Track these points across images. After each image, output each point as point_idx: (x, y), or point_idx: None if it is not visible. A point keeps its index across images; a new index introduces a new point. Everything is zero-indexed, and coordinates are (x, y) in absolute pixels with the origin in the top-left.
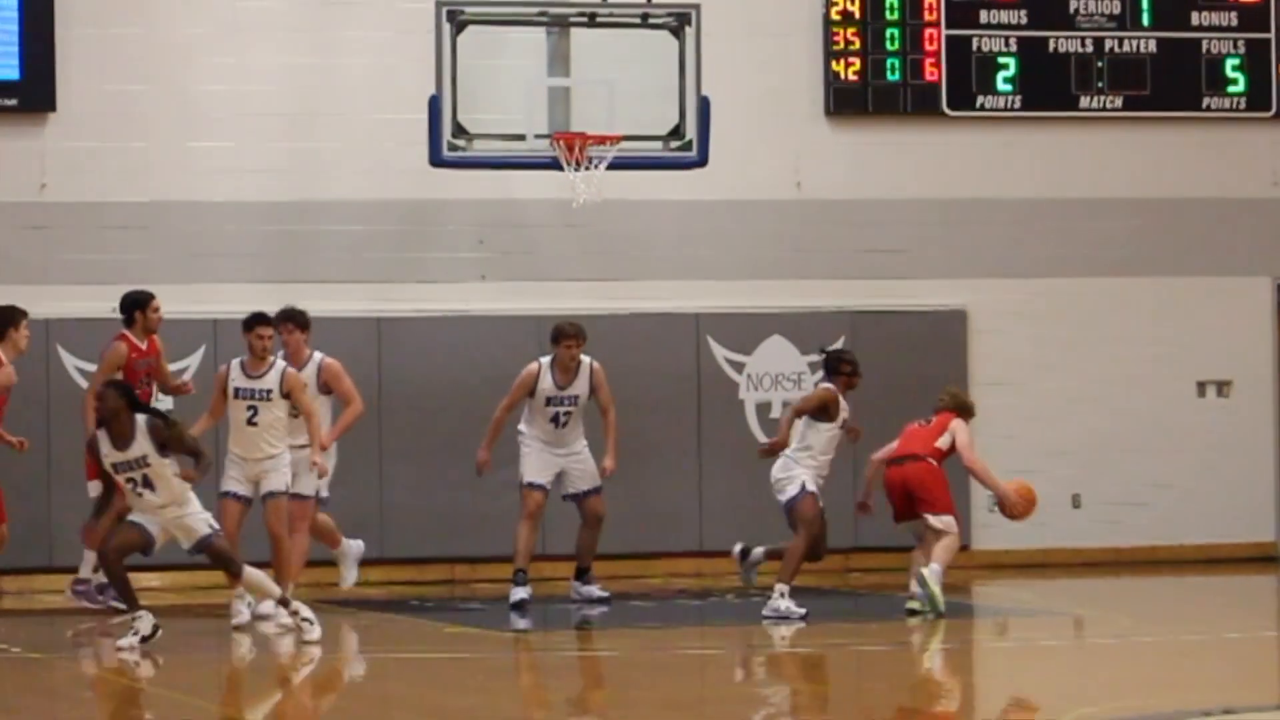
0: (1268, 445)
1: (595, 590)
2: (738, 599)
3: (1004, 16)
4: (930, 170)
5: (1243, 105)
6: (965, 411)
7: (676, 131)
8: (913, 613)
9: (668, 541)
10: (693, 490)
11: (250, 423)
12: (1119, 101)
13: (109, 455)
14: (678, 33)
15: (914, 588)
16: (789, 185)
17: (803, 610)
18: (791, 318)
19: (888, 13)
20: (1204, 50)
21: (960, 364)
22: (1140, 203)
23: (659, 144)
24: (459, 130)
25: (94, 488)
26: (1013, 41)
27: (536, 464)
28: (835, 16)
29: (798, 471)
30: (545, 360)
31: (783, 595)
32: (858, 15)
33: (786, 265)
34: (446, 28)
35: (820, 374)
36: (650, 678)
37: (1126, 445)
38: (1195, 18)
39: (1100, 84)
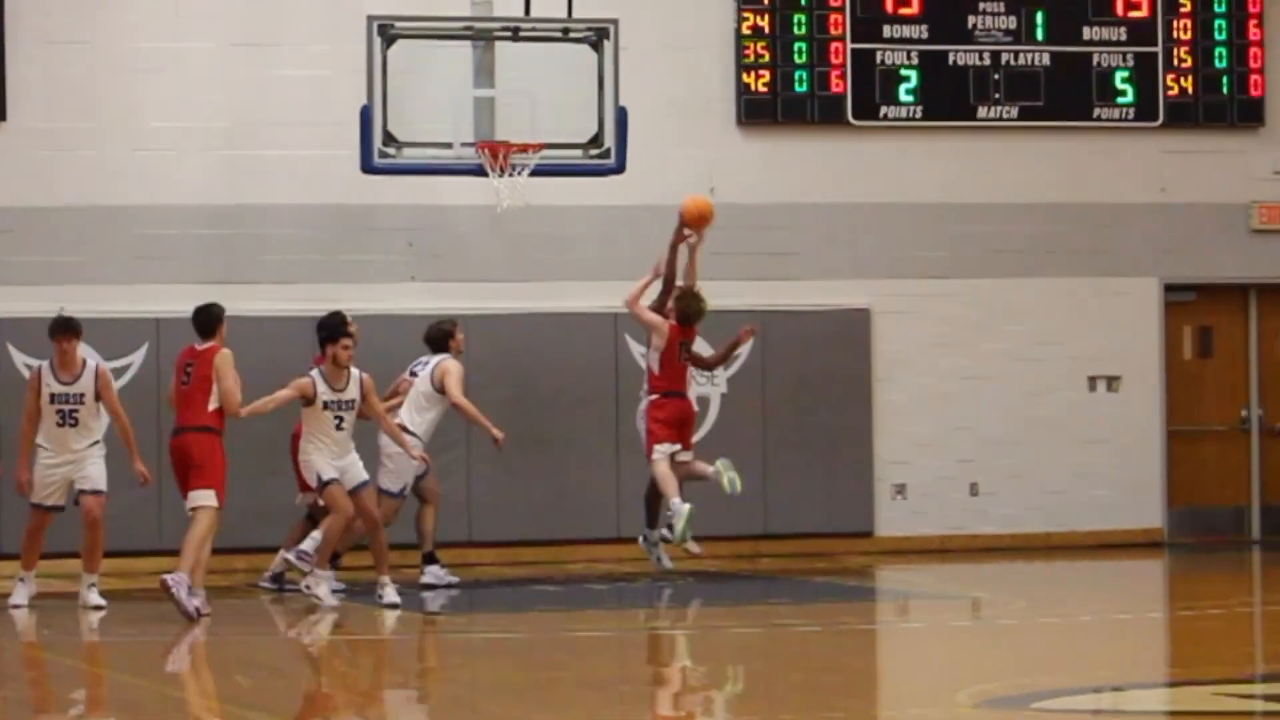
0: (1155, 437)
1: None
2: (654, 582)
3: (906, 31)
4: (836, 176)
5: (1131, 115)
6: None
7: (596, 140)
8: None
9: (588, 529)
10: (611, 480)
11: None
12: (1014, 111)
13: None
14: (597, 46)
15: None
16: (703, 191)
17: None
18: (708, 316)
19: (796, 28)
20: (1095, 63)
21: (864, 360)
22: (1035, 207)
23: (579, 152)
24: (389, 138)
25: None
26: (914, 55)
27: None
28: (746, 31)
29: None
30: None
31: None
32: (767, 30)
33: (700, 267)
34: (377, 42)
35: None
36: (566, 658)
37: (1022, 437)
38: (1087, 32)
39: (997, 95)
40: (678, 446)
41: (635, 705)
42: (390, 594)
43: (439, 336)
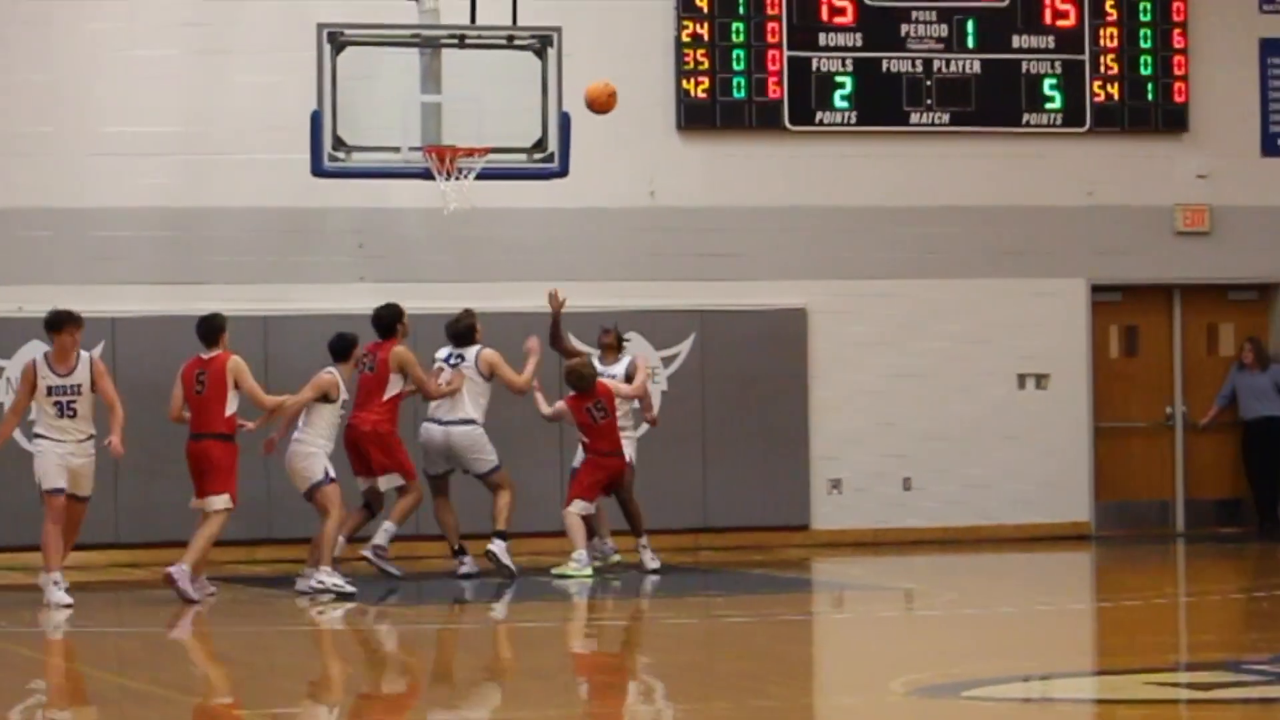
0: (1082, 433)
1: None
2: (600, 575)
3: (841, 39)
4: (774, 180)
5: (1059, 121)
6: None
7: (540, 144)
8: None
9: (532, 522)
10: (554, 474)
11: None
12: (946, 117)
13: None
14: (540, 54)
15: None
16: (644, 194)
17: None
18: (647, 316)
19: (734, 36)
20: (1024, 71)
21: (801, 359)
22: (966, 210)
23: (523, 156)
24: (338, 143)
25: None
26: (849, 62)
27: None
28: (686, 39)
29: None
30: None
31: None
32: (707, 38)
33: (642, 268)
34: (327, 49)
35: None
36: (512, 649)
37: (953, 434)
38: (1016, 40)
39: (929, 101)
40: (594, 508)
41: (578, 694)
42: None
43: (466, 331)
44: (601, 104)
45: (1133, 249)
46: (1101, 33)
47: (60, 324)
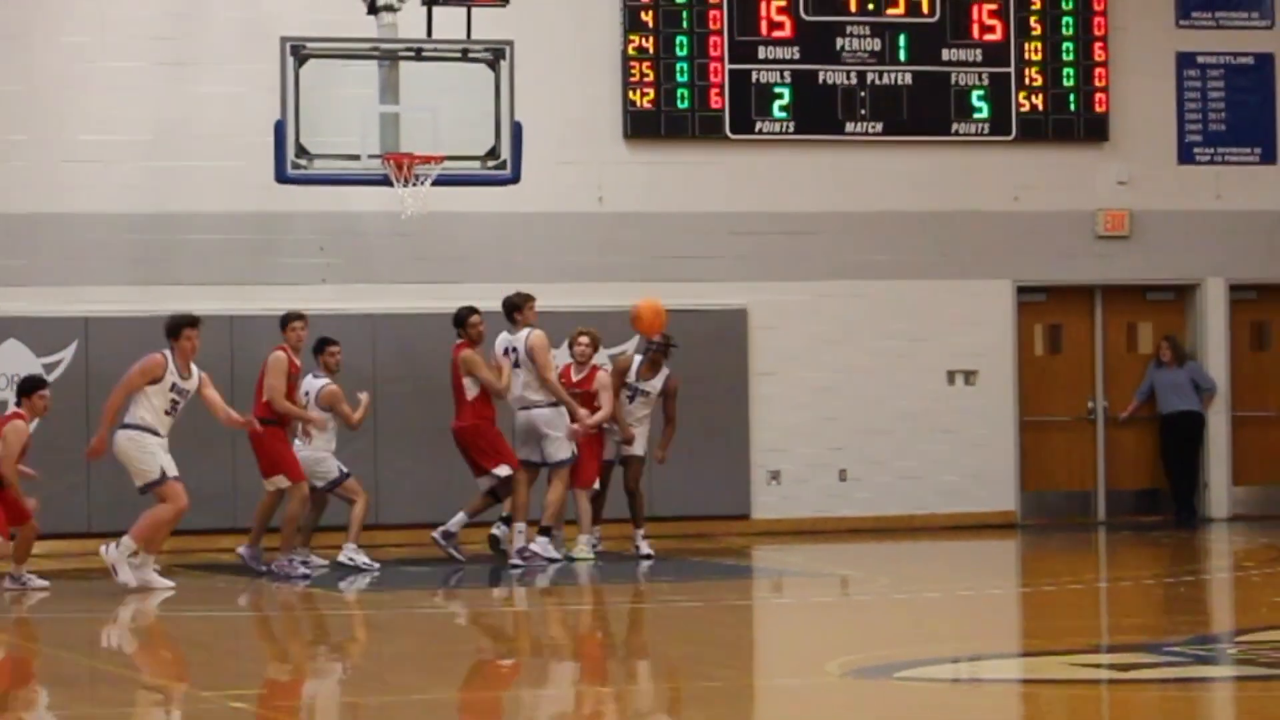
0: (1008, 427)
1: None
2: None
3: (779, 53)
4: (715, 187)
5: (987, 130)
6: None
7: (493, 152)
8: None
9: (486, 512)
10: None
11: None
12: (879, 126)
13: None
14: (494, 66)
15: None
16: (592, 200)
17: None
18: (595, 316)
19: (678, 49)
20: (953, 82)
21: (742, 356)
22: (899, 215)
23: (478, 163)
24: (301, 151)
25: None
26: (787, 74)
27: None
28: (632, 52)
29: None
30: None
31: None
32: (652, 51)
33: (591, 270)
34: (290, 61)
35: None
36: (466, 633)
37: (887, 427)
38: (945, 54)
39: (863, 111)
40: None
41: (530, 676)
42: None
43: (508, 309)
44: (646, 323)
45: (1056, 252)
46: (1026, 46)
47: (187, 325)
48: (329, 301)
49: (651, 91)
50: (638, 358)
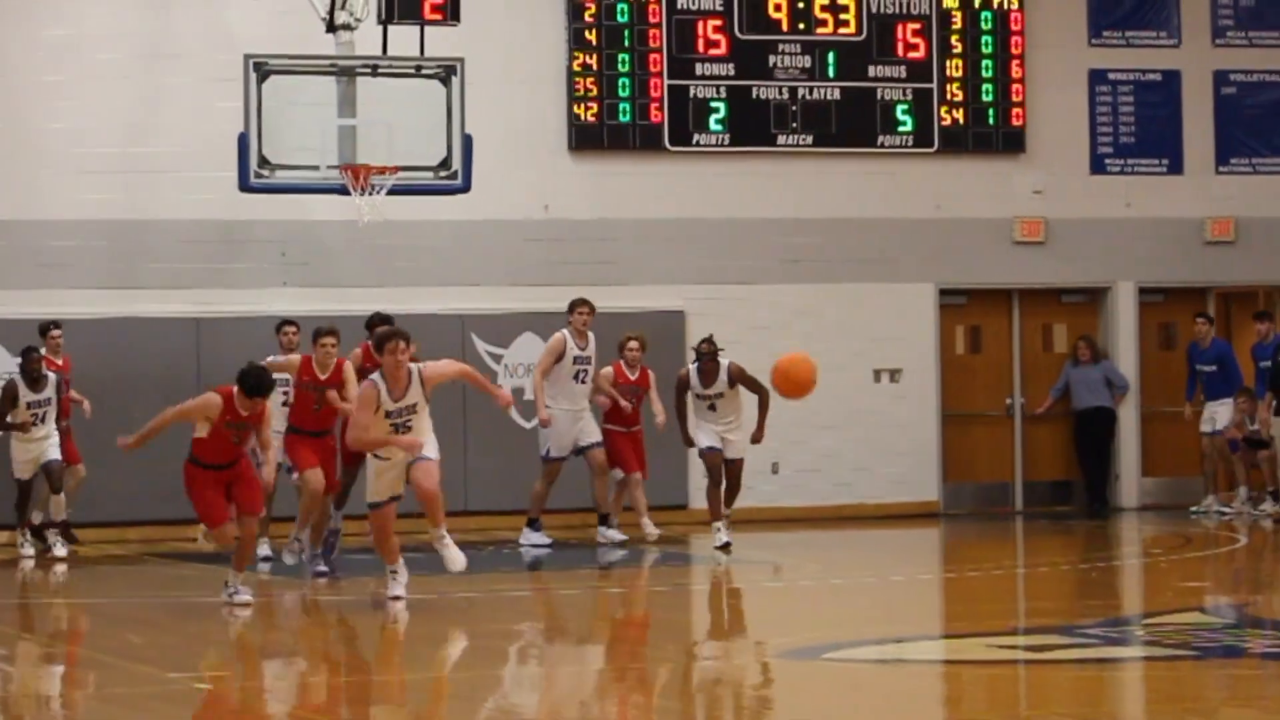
0: (931, 421)
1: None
2: (498, 550)
3: (715, 69)
4: (656, 196)
5: (911, 143)
6: None
7: (445, 163)
8: None
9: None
10: (459, 460)
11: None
12: (810, 139)
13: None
14: (445, 81)
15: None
16: (539, 208)
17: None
18: (541, 317)
19: (620, 66)
20: (879, 97)
21: (679, 356)
22: (828, 222)
23: (430, 173)
24: (263, 161)
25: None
26: (723, 90)
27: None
28: (577, 68)
29: None
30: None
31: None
32: (595, 67)
33: (537, 274)
34: (253, 77)
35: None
36: (422, 618)
37: (817, 423)
38: (872, 70)
39: (794, 124)
40: None
41: (482, 658)
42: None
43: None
44: (792, 385)
45: (976, 257)
46: (948, 63)
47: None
48: (289, 304)
49: (595, 106)
50: (692, 368)
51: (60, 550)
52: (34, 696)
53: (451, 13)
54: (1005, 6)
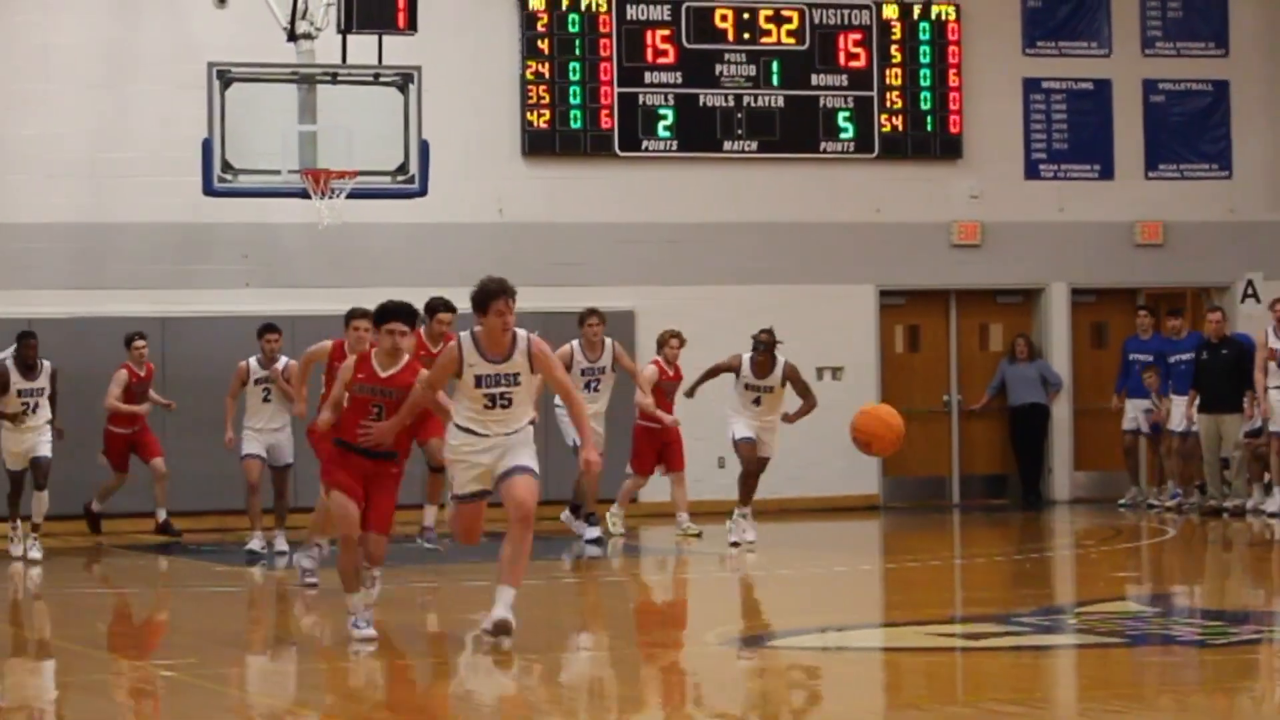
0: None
1: None
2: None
3: (664, 78)
4: (606, 200)
5: (852, 149)
6: None
7: (402, 168)
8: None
9: (402, 496)
10: (416, 455)
11: None
12: (755, 145)
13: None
14: (403, 89)
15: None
16: (493, 211)
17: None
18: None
19: (572, 74)
20: (821, 105)
21: (629, 354)
22: (772, 226)
23: (388, 178)
24: (226, 166)
25: None
26: (671, 97)
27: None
28: (530, 76)
29: None
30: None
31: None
32: (548, 75)
33: (493, 274)
34: (216, 84)
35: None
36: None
37: None
38: (814, 79)
39: (740, 131)
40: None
41: (437, 645)
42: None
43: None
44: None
45: (915, 259)
46: (887, 72)
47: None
48: (252, 304)
49: (547, 113)
50: (746, 356)
51: (35, 553)
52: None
53: (409, 23)
54: (943, 18)
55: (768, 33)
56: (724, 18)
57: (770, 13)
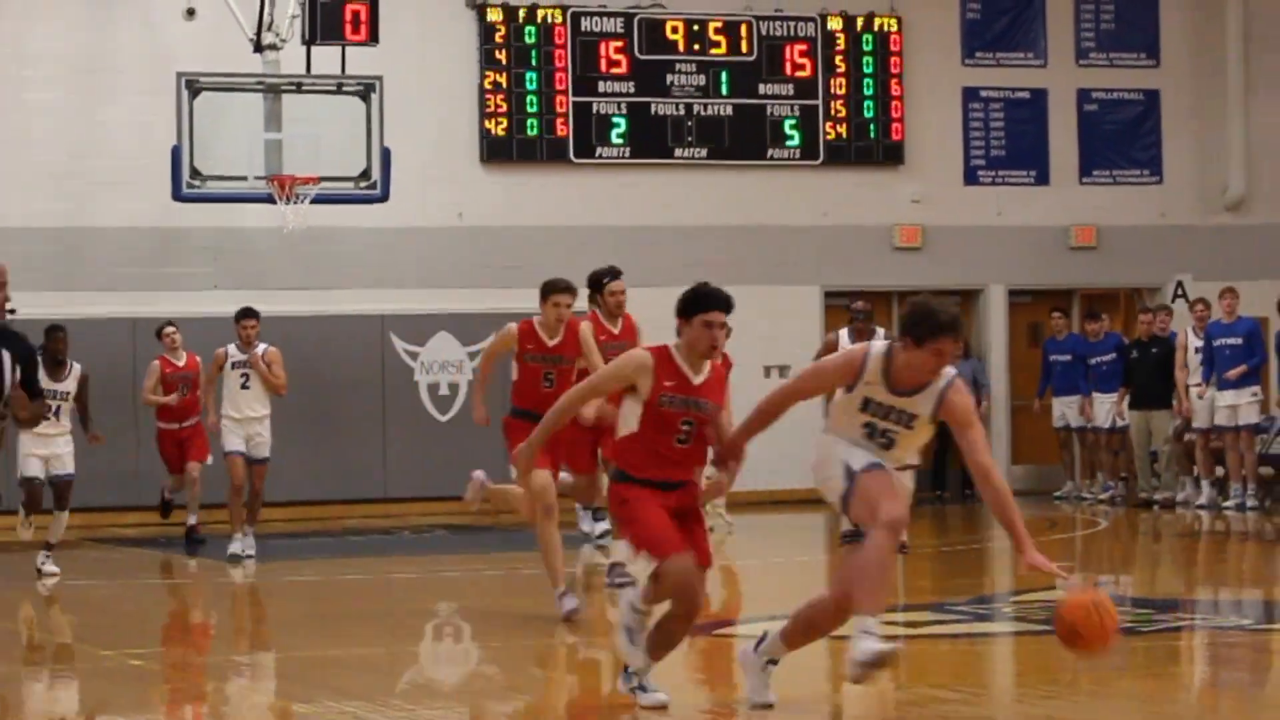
0: (817, 413)
1: None
2: (413, 534)
3: (617, 87)
4: (561, 205)
5: (798, 155)
6: None
7: (365, 174)
8: None
9: (360, 490)
10: (379, 450)
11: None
12: (705, 152)
13: None
14: (365, 98)
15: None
16: (453, 216)
17: None
18: (456, 318)
19: (529, 84)
20: (768, 113)
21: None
22: (721, 229)
23: (351, 184)
24: (195, 172)
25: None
26: (623, 106)
27: None
28: (488, 86)
29: None
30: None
31: None
32: (505, 85)
33: (452, 277)
34: (185, 94)
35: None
36: (339, 598)
37: None
38: (762, 88)
39: (690, 139)
40: None
41: (398, 634)
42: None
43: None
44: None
45: (859, 261)
46: (832, 82)
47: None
48: (220, 306)
49: (505, 121)
50: (844, 332)
51: (51, 567)
52: None
53: (370, 35)
54: (885, 29)
55: (717, 44)
56: (675, 29)
57: (720, 25)
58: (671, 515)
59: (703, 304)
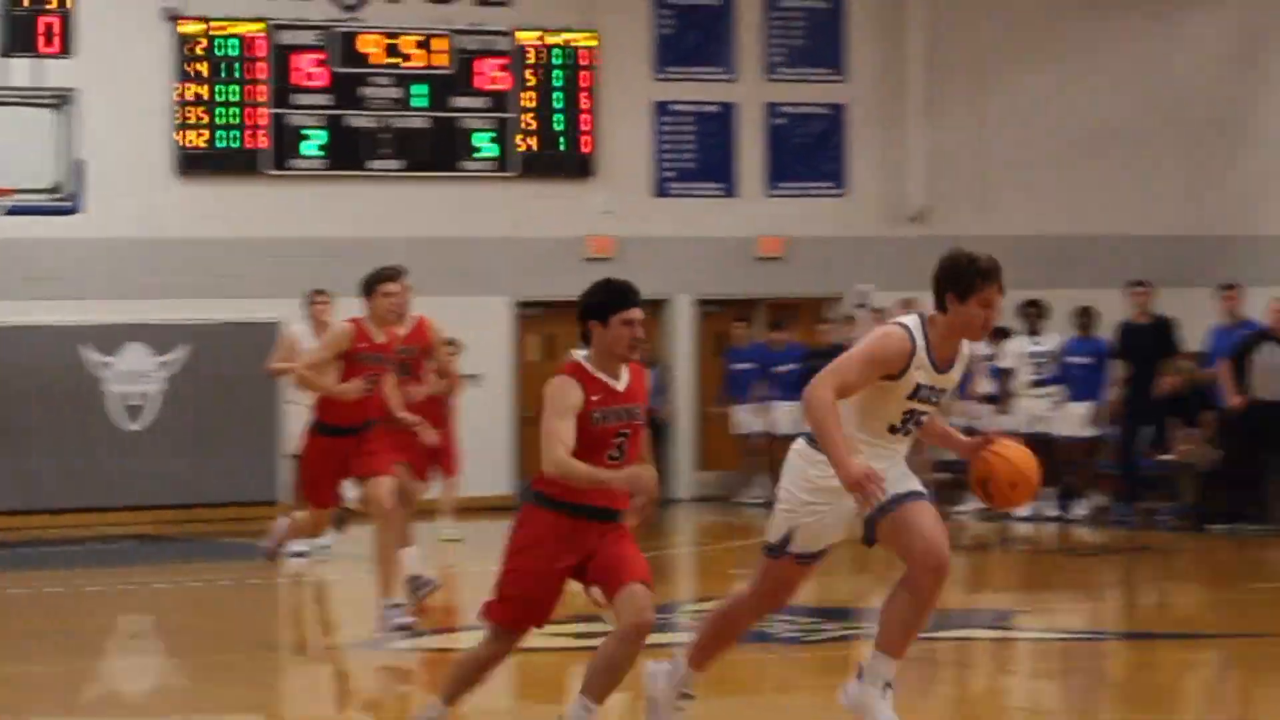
0: (506, 420)
1: None
2: (102, 545)
3: (314, 100)
4: (257, 216)
5: (491, 168)
6: None
7: (58, 186)
8: None
9: (47, 500)
10: (68, 460)
11: None
12: (401, 164)
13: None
14: (59, 110)
15: None
16: (149, 227)
17: None
18: (147, 328)
19: (227, 96)
20: (462, 126)
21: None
22: (415, 240)
23: (44, 195)
24: None
25: None
26: (321, 118)
27: None
28: (187, 98)
29: None
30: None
31: None
32: (205, 98)
33: (146, 288)
34: None
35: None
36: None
37: None
38: (456, 101)
39: (386, 151)
40: None
41: (83, 651)
42: None
43: None
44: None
45: (551, 272)
46: (523, 96)
47: None
48: None
49: (205, 133)
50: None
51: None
52: None
53: (63, 48)
54: (575, 44)
55: (411, 57)
56: (373, 43)
57: (418, 39)
58: (577, 565)
59: (620, 302)
